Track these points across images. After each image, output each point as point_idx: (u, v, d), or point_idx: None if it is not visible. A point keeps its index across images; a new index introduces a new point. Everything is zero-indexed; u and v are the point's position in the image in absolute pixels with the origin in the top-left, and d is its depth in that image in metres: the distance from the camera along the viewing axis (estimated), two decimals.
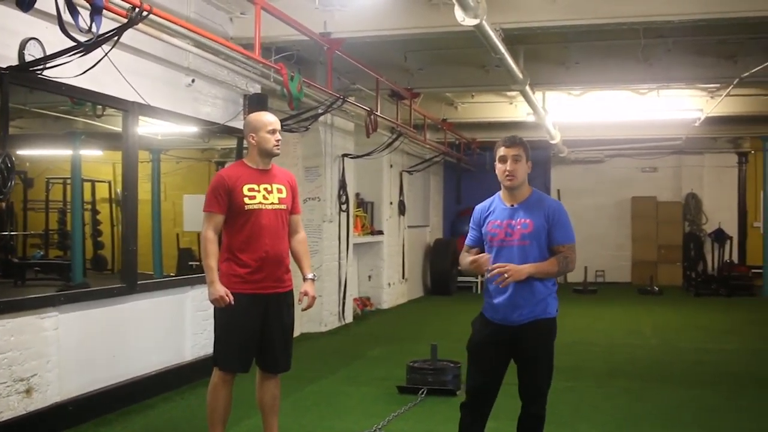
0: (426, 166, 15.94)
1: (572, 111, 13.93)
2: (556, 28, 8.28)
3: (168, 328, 7.59)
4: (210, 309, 8.09)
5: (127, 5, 5.24)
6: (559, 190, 20.60)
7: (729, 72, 10.75)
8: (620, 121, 15.11)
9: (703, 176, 19.78)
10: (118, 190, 18.22)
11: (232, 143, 13.43)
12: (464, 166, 18.02)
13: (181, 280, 7.86)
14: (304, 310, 5.41)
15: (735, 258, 18.41)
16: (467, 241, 4.86)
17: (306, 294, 5.34)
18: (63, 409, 6.04)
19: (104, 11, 5.08)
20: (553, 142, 15.39)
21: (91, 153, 16.00)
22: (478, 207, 4.87)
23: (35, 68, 5.31)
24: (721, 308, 14.60)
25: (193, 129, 8.13)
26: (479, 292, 17.96)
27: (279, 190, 5.24)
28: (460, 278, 18.01)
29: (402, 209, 15.39)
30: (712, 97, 13.54)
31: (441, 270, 17.23)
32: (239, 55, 7.98)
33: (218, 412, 5.18)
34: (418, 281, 17.26)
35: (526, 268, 4.46)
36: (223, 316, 5.10)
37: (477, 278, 18.17)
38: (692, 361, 9.32)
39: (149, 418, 6.59)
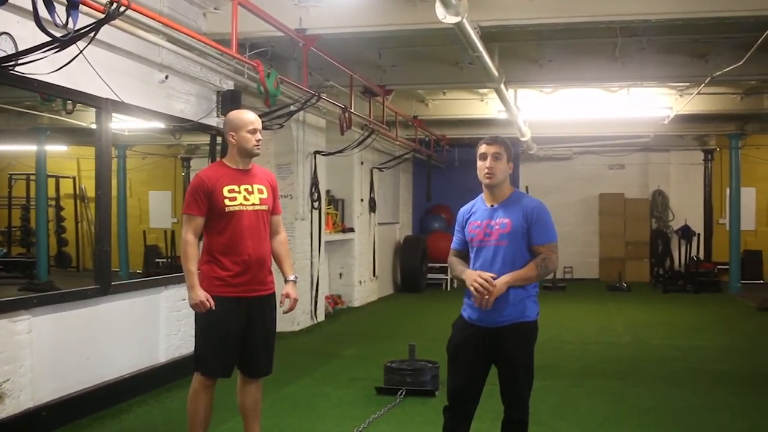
0: (397, 163, 15.88)
1: (543, 108, 13.97)
2: (533, 26, 8.26)
3: (142, 329, 7.44)
4: (184, 309, 8.04)
5: (105, 0, 5.08)
6: (527, 187, 20.54)
7: (700, 71, 10.83)
8: (590, 118, 15.23)
9: (669, 173, 19.96)
10: (83, 185, 18.02)
11: (198, 139, 13.30)
12: (434, 163, 17.97)
13: (155, 280, 7.70)
14: (285, 312, 5.32)
15: (701, 254, 18.60)
16: (453, 245, 4.79)
17: (288, 296, 5.27)
18: (36, 415, 5.87)
19: (80, 6, 4.93)
20: (523, 139, 15.40)
21: (55, 148, 15.75)
22: (462, 209, 4.81)
23: (7, 64, 5.13)
24: (689, 305, 14.72)
25: (165, 126, 7.94)
26: (449, 289, 17.99)
27: (260, 191, 5.13)
28: (429, 275, 17.99)
29: (373, 206, 15.31)
30: (681, 96, 13.66)
31: (411, 267, 17.17)
32: (214, 51, 7.86)
33: (199, 418, 5.06)
34: (389, 278, 17.20)
35: (505, 279, 4.40)
36: (204, 320, 4.97)
37: (447, 275, 18.20)
38: (665, 359, 9.36)
39: (124, 423, 6.43)
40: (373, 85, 11.26)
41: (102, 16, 5.19)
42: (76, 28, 4.87)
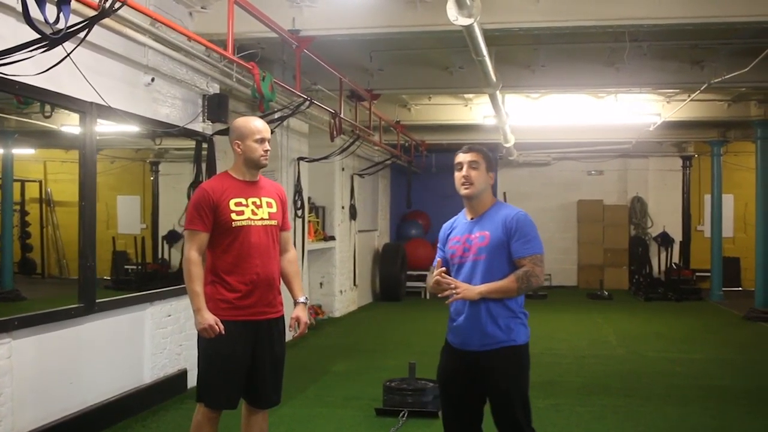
0: (378, 169, 15.50)
1: (529, 114, 13.67)
2: (538, 29, 7.93)
3: (126, 349, 6.96)
4: (170, 326, 7.62)
5: None
6: (505, 193, 20.38)
7: (695, 77, 10.62)
8: (572, 124, 14.94)
9: (648, 180, 19.86)
10: (49, 189, 17.39)
11: (171, 143, 12.79)
12: (413, 169, 17.63)
13: (141, 296, 7.21)
14: (296, 338, 4.89)
15: (679, 261, 18.48)
16: (434, 263, 4.32)
17: (298, 320, 4.85)
18: None
19: (70, 2, 4.47)
20: (507, 145, 15.10)
21: (22, 152, 15.15)
22: (444, 225, 4.51)
23: None
24: (674, 314, 14.52)
25: (150, 131, 7.47)
26: (428, 297, 17.64)
27: (269, 204, 4.72)
28: (408, 283, 17.63)
29: (353, 214, 14.91)
30: (668, 102, 13.47)
31: (391, 275, 16.80)
32: (202, 53, 7.44)
33: None
34: (368, 287, 16.81)
35: (479, 288, 4.07)
36: (209, 346, 4.54)
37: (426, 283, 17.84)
38: (666, 373, 9.08)
39: None
40: (361, 90, 10.85)
41: (94, 12, 4.74)
42: (67, 26, 4.42)
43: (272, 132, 9.01)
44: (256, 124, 4.67)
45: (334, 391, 8.07)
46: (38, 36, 4.35)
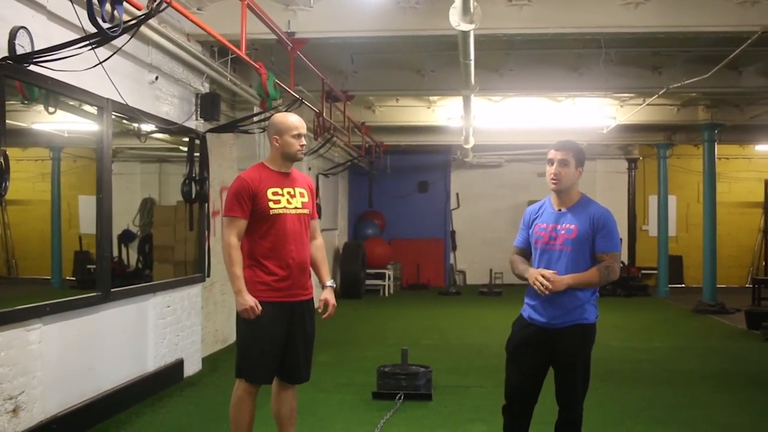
0: (343, 169, 15.85)
1: (490, 117, 14.16)
2: (520, 35, 8.43)
3: (133, 337, 7.21)
4: (169, 317, 7.87)
5: None
6: (458, 194, 20.98)
7: (655, 82, 11.24)
8: (531, 127, 15.47)
9: (595, 181, 20.51)
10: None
11: (126, 143, 12.92)
12: (364, 168, 18.02)
13: (145, 287, 7.46)
14: (325, 318, 5.24)
15: (625, 260, 19.24)
16: (516, 242, 4.89)
17: (327, 302, 5.21)
18: (47, 428, 5.64)
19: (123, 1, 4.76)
20: (467, 146, 15.60)
21: None
22: (529, 208, 4.91)
23: (39, 60, 4.91)
24: (627, 308, 15.21)
25: (154, 128, 7.71)
26: (387, 295, 18.06)
27: (301, 194, 5.06)
28: (368, 281, 18.01)
29: (319, 213, 15.16)
30: (622, 106, 14.13)
31: (351, 274, 17.14)
32: (200, 52, 7.74)
33: (244, 426, 4.94)
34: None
35: (566, 279, 4.51)
36: (249, 326, 4.85)
37: (384, 281, 18.28)
38: (634, 360, 9.67)
39: None
40: (338, 91, 11.21)
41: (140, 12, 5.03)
42: (122, 23, 4.71)
43: (264, 130, 9.36)
44: (294, 120, 4.99)
45: (326, 379, 8.39)
46: (91, 33, 4.64)
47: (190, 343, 8.51)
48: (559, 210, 4.68)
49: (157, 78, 7.48)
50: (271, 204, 4.88)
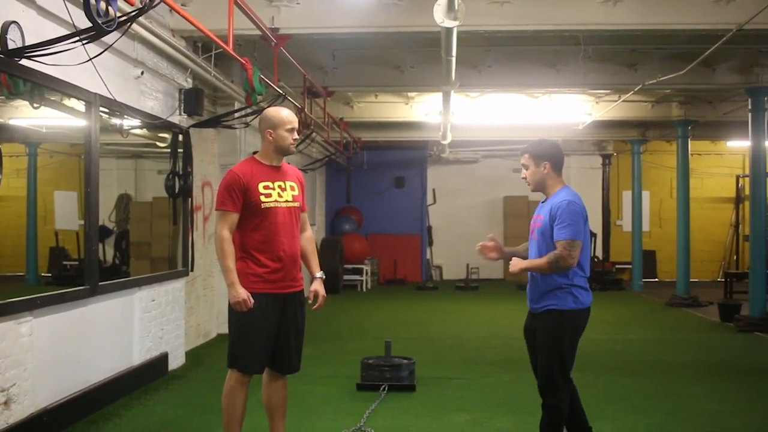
0: (322, 164, 15.92)
1: (467, 112, 14.29)
2: (501, 32, 8.53)
3: (120, 331, 7.26)
4: (154, 311, 7.92)
5: None
6: (434, 190, 21.12)
7: (630, 79, 11.43)
8: (505, 123, 15.62)
9: (570, 177, 20.70)
10: None
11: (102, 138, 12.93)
12: (342, 164, 18.10)
13: (131, 281, 7.50)
14: (315, 309, 5.33)
15: (600, 254, 19.48)
16: None
17: (317, 293, 5.29)
18: (38, 420, 5.67)
19: None
20: (444, 142, 15.73)
21: None
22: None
23: (31, 54, 4.95)
24: (602, 302, 15.29)
25: (139, 122, 7.74)
26: (364, 290, 18.17)
27: (291, 188, 5.13)
28: (345, 276, 18.10)
29: None
30: (597, 102, 14.33)
31: (330, 269, 17.12)
32: (183, 47, 7.79)
33: (236, 415, 5.01)
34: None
35: (521, 264, 4.86)
36: (242, 317, 4.91)
37: (362, 276, 18.38)
38: (611, 351, 9.84)
39: (120, 427, 6.26)
40: (319, 87, 11.28)
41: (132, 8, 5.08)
42: (117, 17, 4.76)
43: (248, 125, 9.43)
44: (287, 114, 5.07)
45: (310, 372, 8.42)
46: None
47: (174, 336, 8.56)
48: (543, 202, 5.00)
49: (142, 73, 7.52)
50: (262, 198, 4.94)
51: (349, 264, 18.30)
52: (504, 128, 16.62)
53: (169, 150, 8.49)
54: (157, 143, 8.78)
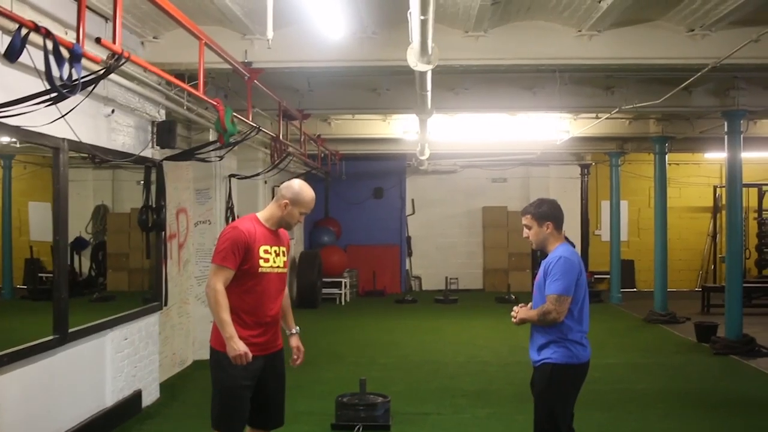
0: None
1: (446, 129, 14.22)
2: (476, 66, 8.50)
3: (91, 374, 7.16)
4: (126, 350, 7.81)
5: (106, 53, 4.90)
6: (413, 200, 21.08)
7: (607, 101, 11.42)
8: (483, 139, 15.59)
9: (549, 187, 20.81)
10: None
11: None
12: (328, 178, 18.02)
13: (103, 323, 7.39)
14: (297, 365, 5.35)
15: None
16: None
17: (299, 349, 5.39)
18: None
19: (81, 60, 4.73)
20: (422, 157, 15.69)
21: None
22: None
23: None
24: None
25: (112, 160, 7.64)
26: (343, 303, 18.11)
27: (284, 253, 5.17)
28: (324, 290, 18.03)
29: None
30: (575, 119, 14.32)
31: (308, 283, 17.13)
32: (155, 82, 7.70)
33: None
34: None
35: (521, 314, 5.06)
36: (227, 378, 4.90)
37: (341, 290, 18.31)
38: (588, 380, 9.75)
39: None
40: (295, 111, 11.20)
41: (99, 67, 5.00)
42: (75, 80, 4.68)
43: (221, 158, 9.33)
44: (309, 200, 5.02)
45: (285, 407, 8.41)
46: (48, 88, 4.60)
47: (148, 372, 8.47)
48: (543, 259, 5.14)
49: (113, 111, 7.41)
50: (261, 262, 4.93)
51: (328, 277, 18.24)
52: (483, 141, 16.57)
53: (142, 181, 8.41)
54: None
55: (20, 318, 11.39)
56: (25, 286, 14.84)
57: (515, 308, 5.13)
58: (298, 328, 5.43)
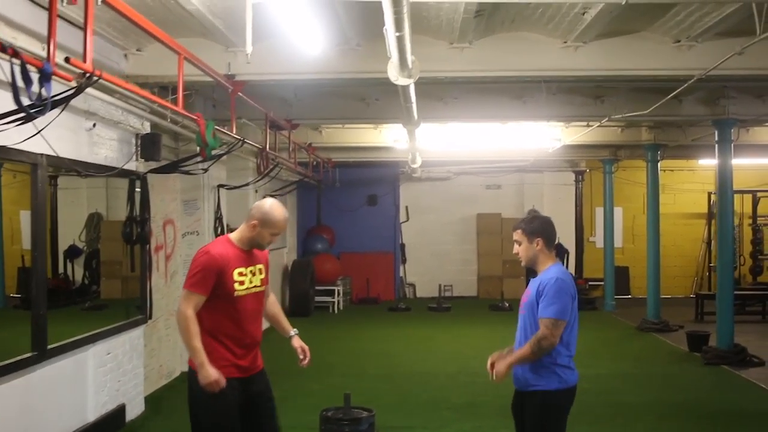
0: (291, 189, 15.76)
1: (437, 138, 14.19)
2: (462, 78, 8.46)
3: (73, 390, 7.10)
4: (109, 364, 7.75)
5: (78, 71, 4.85)
6: (407, 207, 21.03)
7: (597, 110, 11.38)
8: (473, 147, 15.56)
9: (543, 193, 20.78)
10: None
11: None
12: (321, 186, 17.97)
13: (85, 338, 7.33)
14: (306, 364, 5.31)
15: (573, 271, 19.45)
16: None
17: (303, 349, 5.32)
18: None
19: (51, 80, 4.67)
20: (414, 165, 15.65)
21: None
22: None
23: None
24: None
25: (93, 175, 7.58)
26: (336, 311, 18.05)
27: (260, 271, 5.10)
28: (317, 298, 17.97)
29: None
30: (567, 127, 14.27)
31: (301, 291, 17.05)
32: (139, 96, 7.63)
33: None
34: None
35: (505, 364, 4.79)
36: (214, 404, 4.78)
37: (334, 298, 18.25)
38: (579, 391, 9.71)
39: None
40: (282, 121, 11.15)
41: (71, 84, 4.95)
42: (46, 99, 4.62)
43: (206, 171, 9.28)
44: (281, 220, 4.93)
45: None
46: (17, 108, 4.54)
47: (132, 386, 8.41)
48: (533, 279, 4.95)
49: (94, 125, 7.36)
50: (236, 285, 4.86)
51: (321, 285, 18.16)
52: (474, 150, 16.55)
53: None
54: None
55: (10, 328, 11.31)
56: (18, 295, 14.80)
57: (489, 361, 4.91)
58: (296, 329, 5.39)
